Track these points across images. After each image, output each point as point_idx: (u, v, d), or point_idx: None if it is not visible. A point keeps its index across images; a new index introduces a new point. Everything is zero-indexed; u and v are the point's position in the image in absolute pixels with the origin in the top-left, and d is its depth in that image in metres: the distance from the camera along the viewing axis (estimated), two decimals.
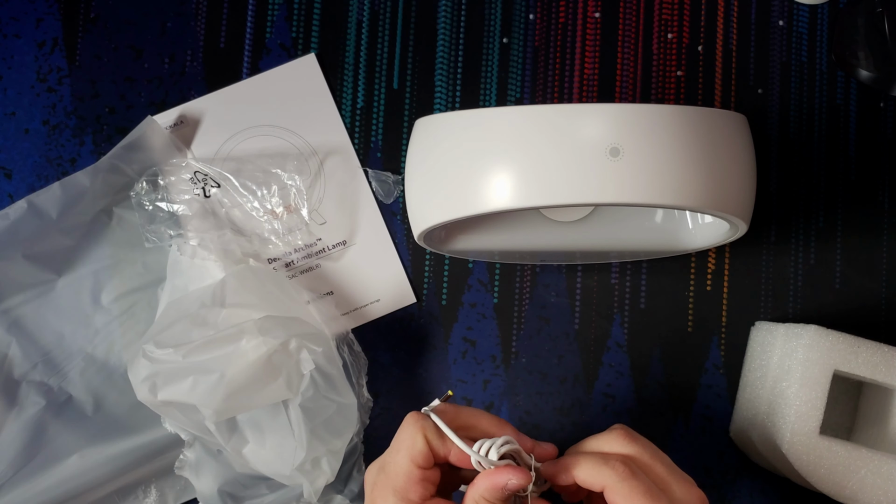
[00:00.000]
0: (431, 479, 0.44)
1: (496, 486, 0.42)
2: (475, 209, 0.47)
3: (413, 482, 0.43)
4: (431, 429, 0.43)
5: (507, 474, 0.42)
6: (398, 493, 0.43)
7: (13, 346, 0.59)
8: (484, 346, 0.61)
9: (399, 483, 0.43)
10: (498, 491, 0.42)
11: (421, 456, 0.43)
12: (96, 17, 0.62)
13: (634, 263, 0.61)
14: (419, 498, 0.43)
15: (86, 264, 0.60)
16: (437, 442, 0.43)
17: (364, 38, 0.63)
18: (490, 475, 0.43)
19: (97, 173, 0.58)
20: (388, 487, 0.43)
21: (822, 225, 0.62)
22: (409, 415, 0.45)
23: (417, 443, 0.43)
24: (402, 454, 0.43)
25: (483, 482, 0.43)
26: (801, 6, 0.63)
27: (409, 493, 0.43)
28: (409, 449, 0.43)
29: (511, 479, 0.42)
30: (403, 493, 0.43)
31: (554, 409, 0.60)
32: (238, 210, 0.60)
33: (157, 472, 0.59)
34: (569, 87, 0.63)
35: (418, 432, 0.43)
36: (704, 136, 0.47)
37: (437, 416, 0.43)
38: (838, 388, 0.59)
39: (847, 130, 0.62)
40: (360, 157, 0.62)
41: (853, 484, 0.52)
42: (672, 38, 0.63)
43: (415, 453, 0.43)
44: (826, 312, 0.61)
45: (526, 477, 0.42)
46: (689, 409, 0.61)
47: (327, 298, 0.60)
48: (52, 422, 0.58)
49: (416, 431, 0.43)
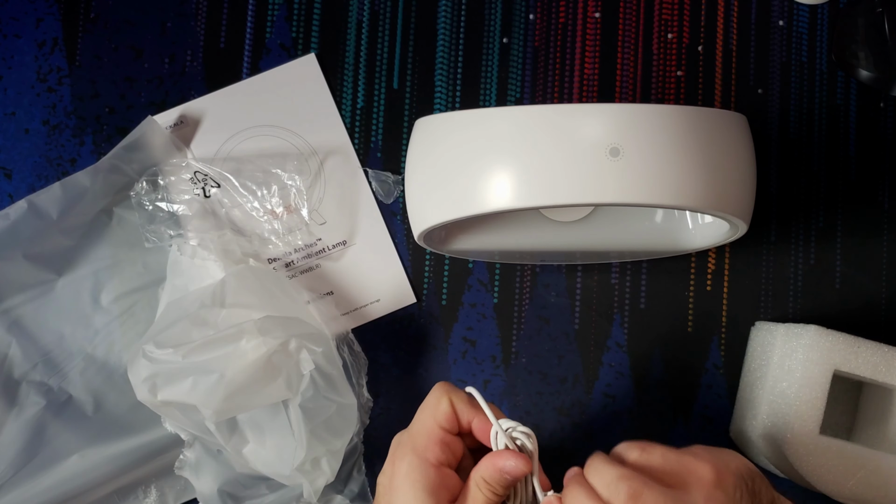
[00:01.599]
0: (452, 445, 0.45)
1: (496, 468, 0.43)
2: (475, 209, 0.47)
3: (433, 442, 0.44)
4: (459, 396, 0.45)
5: (508, 457, 0.43)
6: (417, 450, 0.44)
7: (13, 346, 0.59)
8: (484, 346, 0.61)
9: (420, 441, 0.44)
10: (497, 473, 0.43)
11: (444, 417, 0.44)
12: (96, 17, 0.62)
13: (634, 263, 0.61)
14: (436, 459, 0.44)
15: (86, 264, 0.60)
16: (462, 406, 0.45)
17: (364, 38, 0.63)
18: (493, 457, 0.43)
19: (97, 173, 0.58)
20: (409, 445, 0.44)
21: (822, 225, 0.62)
22: (438, 383, 0.46)
23: (443, 404, 0.45)
24: (426, 413, 0.45)
25: (485, 463, 0.43)
26: (801, 6, 0.63)
27: (428, 452, 0.44)
28: (433, 408, 0.45)
29: (509, 462, 0.43)
30: (422, 452, 0.44)
31: (554, 409, 0.60)
32: (238, 210, 0.60)
33: (157, 472, 0.59)
34: (569, 87, 0.63)
35: (444, 395, 0.45)
36: (704, 136, 0.47)
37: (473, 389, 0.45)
38: (838, 388, 0.59)
39: (847, 130, 0.62)
40: (360, 157, 0.62)
41: (853, 484, 0.52)
42: (672, 38, 0.63)
43: (438, 413, 0.44)
44: (826, 312, 0.61)
45: (526, 464, 0.43)
46: (689, 409, 0.61)
47: (327, 298, 0.60)
48: (52, 422, 0.58)
49: (443, 394, 0.45)
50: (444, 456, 0.44)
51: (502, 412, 0.46)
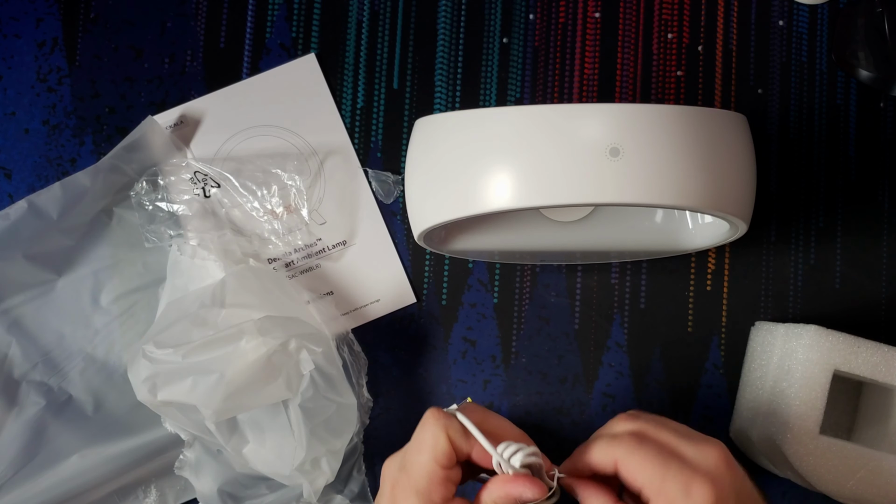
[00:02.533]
0: (453, 478, 0.43)
1: (510, 496, 0.42)
2: (475, 209, 0.47)
3: (436, 483, 0.42)
4: (455, 427, 0.43)
5: (523, 485, 0.41)
6: (421, 494, 0.42)
7: (13, 346, 0.59)
8: (484, 346, 0.61)
9: (422, 484, 0.42)
10: (511, 501, 0.42)
11: (444, 456, 0.42)
12: (96, 17, 0.62)
13: (634, 263, 0.61)
14: (441, 499, 0.42)
15: (86, 264, 0.60)
16: (461, 441, 0.43)
17: (364, 38, 0.63)
18: (506, 482, 0.42)
19: (97, 173, 0.58)
20: (411, 488, 0.43)
21: (822, 225, 0.62)
22: (429, 412, 0.43)
23: (440, 442, 0.42)
24: (425, 455, 0.42)
25: (498, 488, 0.42)
26: (801, 6, 0.63)
27: (433, 494, 0.42)
28: (431, 449, 0.42)
29: (526, 492, 0.41)
30: (427, 495, 0.42)
31: (554, 409, 0.60)
32: (238, 210, 0.60)
33: (157, 472, 0.59)
34: (569, 87, 0.63)
35: (441, 431, 0.42)
36: (704, 136, 0.47)
37: (463, 416, 0.43)
38: (838, 388, 0.59)
39: (847, 130, 0.62)
40: (360, 157, 0.62)
41: (853, 483, 0.52)
42: (672, 38, 0.63)
43: (438, 453, 0.42)
44: (826, 312, 0.61)
45: (541, 491, 0.41)
46: (689, 409, 0.61)
47: (327, 298, 0.60)
48: (52, 422, 0.58)
49: (440, 431, 0.42)
50: (448, 492, 0.43)
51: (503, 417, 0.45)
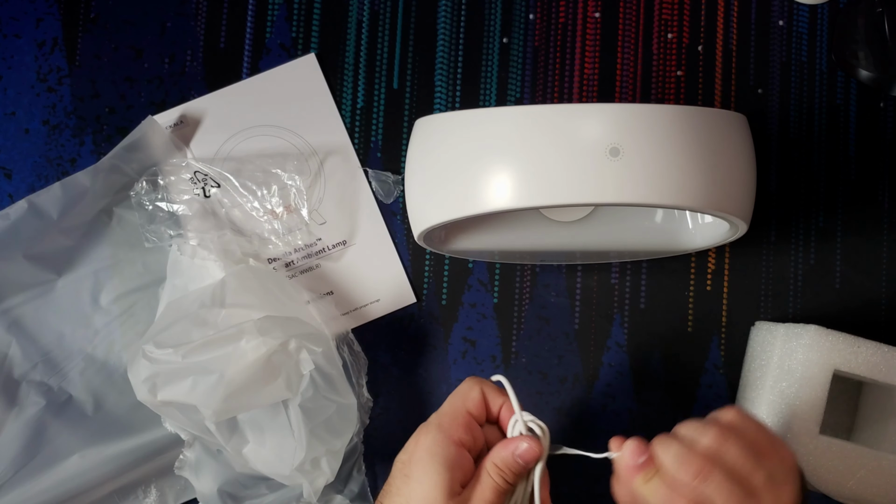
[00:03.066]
0: (475, 431, 0.46)
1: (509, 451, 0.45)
2: (475, 209, 0.47)
3: (459, 423, 0.46)
4: (490, 386, 0.47)
5: (521, 440, 0.45)
6: (442, 426, 0.46)
7: (13, 345, 0.59)
8: (484, 346, 0.61)
9: (446, 420, 0.46)
10: (510, 456, 0.45)
11: (473, 403, 0.47)
12: (96, 17, 0.62)
13: (634, 263, 0.61)
14: (458, 438, 0.45)
15: (86, 264, 0.60)
16: (493, 395, 0.47)
17: (364, 38, 0.63)
18: (506, 442, 0.46)
19: (97, 173, 0.58)
20: (434, 422, 0.46)
21: (822, 225, 0.62)
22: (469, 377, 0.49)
23: (474, 391, 0.47)
24: (457, 397, 0.47)
25: (498, 448, 0.46)
26: (801, 6, 0.63)
27: (452, 429, 0.45)
28: (464, 394, 0.47)
29: (522, 444, 0.45)
30: (447, 429, 0.46)
31: (554, 408, 0.60)
32: (238, 210, 0.60)
33: (157, 472, 0.59)
34: (569, 87, 0.62)
35: (476, 384, 0.47)
36: (704, 136, 0.47)
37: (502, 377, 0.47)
38: (838, 388, 0.59)
39: (847, 130, 0.62)
40: (360, 157, 0.62)
41: (853, 483, 0.52)
42: (672, 38, 0.63)
43: (469, 399, 0.47)
44: (826, 312, 0.61)
45: (538, 446, 0.45)
46: (690, 409, 0.60)
47: (327, 298, 0.60)
48: (52, 422, 0.58)
49: (475, 383, 0.47)
50: (466, 437, 0.46)
51: None
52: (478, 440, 0.47)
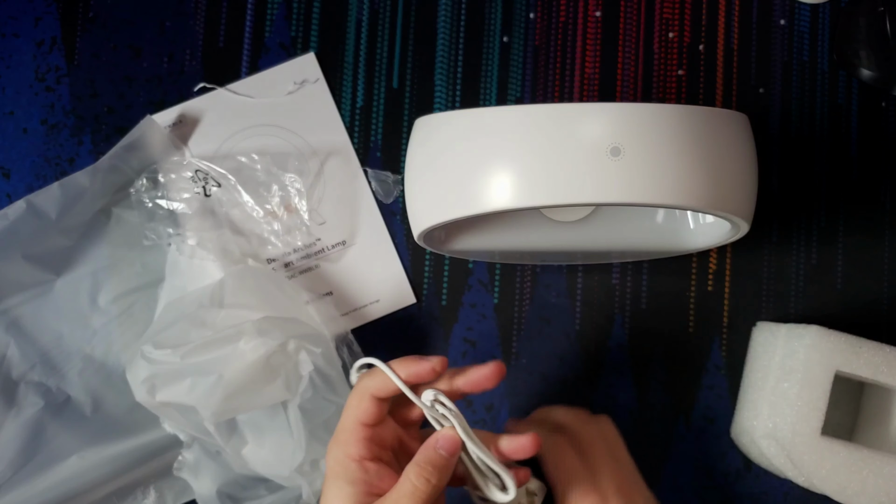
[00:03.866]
0: (376, 439, 0.46)
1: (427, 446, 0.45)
2: (475, 209, 0.47)
3: (354, 439, 0.45)
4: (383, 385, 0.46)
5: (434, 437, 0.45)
6: (340, 446, 0.45)
7: (11, 346, 0.58)
8: (484, 346, 0.61)
9: (341, 438, 0.46)
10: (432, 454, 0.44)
11: (365, 414, 0.46)
12: (95, 16, 0.62)
13: (635, 263, 0.61)
14: (357, 454, 0.45)
15: (84, 264, 0.60)
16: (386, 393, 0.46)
17: (364, 38, 0.62)
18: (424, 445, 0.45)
19: (96, 173, 0.58)
20: (332, 441, 0.46)
21: (823, 225, 0.62)
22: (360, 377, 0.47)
23: (363, 403, 0.46)
24: (348, 413, 0.46)
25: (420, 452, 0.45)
26: (803, 5, 0.63)
27: (349, 447, 0.45)
28: (354, 407, 0.46)
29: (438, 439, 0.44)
30: (344, 448, 0.45)
31: None
32: (237, 210, 0.60)
33: (156, 473, 0.59)
34: (569, 86, 0.62)
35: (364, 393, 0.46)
36: (706, 135, 0.46)
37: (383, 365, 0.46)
38: (840, 389, 0.59)
39: (849, 130, 0.62)
40: (360, 156, 0.61)
41: (855, 484, 0.52)
42: (673, 37, 0.63)
43: (359, 412, 0.46)
44: (828, 313, 0.61)
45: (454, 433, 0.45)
46: (691, 410, 0.60)
47: (326, 299, 0.60)
48: (51, 422, 0.58)
49: (364, 394, 0.46)
50: (366, 451, 0.45)
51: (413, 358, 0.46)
52: (385, 443, 0.47)
